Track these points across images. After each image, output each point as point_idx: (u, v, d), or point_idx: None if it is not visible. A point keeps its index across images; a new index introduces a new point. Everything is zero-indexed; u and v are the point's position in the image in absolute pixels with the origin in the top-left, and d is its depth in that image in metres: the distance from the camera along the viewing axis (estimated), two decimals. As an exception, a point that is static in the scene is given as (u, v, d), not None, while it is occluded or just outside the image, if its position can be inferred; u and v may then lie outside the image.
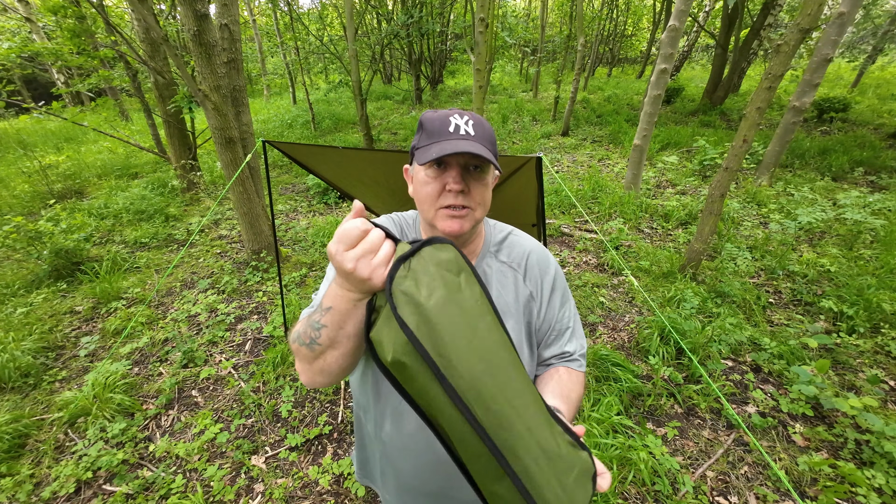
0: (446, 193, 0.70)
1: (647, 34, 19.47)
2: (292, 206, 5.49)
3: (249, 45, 15.28)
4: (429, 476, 0.84)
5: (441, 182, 0.70)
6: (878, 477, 1.78)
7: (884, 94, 10.71)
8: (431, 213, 0.72)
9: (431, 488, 0.86)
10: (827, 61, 4.49)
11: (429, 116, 0.71)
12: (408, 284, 0.49)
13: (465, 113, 0.70)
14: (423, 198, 0.72)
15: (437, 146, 0.67)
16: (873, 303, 2.82)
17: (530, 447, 0.51)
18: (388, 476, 0.92)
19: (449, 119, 0.69)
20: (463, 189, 0.69)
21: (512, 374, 0.53)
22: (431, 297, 0.49)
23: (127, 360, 2.71)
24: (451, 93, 13.61)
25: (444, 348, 0.48)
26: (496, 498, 0.52)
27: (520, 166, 2.19)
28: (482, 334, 0.52)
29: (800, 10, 2.54)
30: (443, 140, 0.67)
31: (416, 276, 0.50)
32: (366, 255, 0.51)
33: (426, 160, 0.65)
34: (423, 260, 0.52)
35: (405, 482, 0.89)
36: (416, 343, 0.47)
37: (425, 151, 0.68)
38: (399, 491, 0.91)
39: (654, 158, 6.65)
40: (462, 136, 0.68)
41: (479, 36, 4.31)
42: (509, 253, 0.85)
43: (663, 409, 2.27)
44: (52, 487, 1.91)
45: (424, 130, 0.71)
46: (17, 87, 10.56)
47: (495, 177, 0.79)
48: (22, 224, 3.60)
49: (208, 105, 2.96)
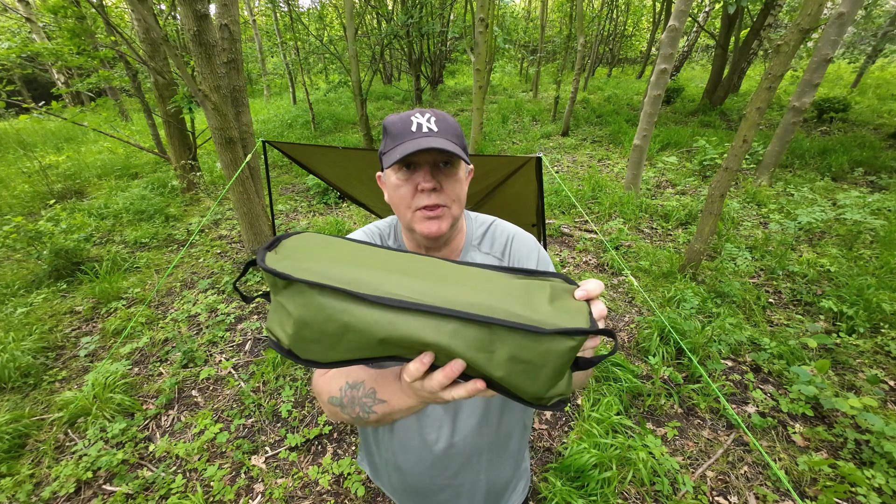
0: (419, 194, 0.69)
1: (647, 34, 19.48)
2: (292, 207, 5.49)
3: (249, 45, 15.29)
4: (427, 469, 0.87)
5: (412, 183, 0.69)
6: (878, 477, 1.78)
7: (884, 94, 10.72)
8: (408, 216, 0.71)
9: (438, 482, 0.89)
10: (827, 61, 4.49)
11: (391, 120, 0.70)
12: (283, 255, 0.50)
13: (427, 110, 0.70)
14: (397, 202, 0.71)
15: (401, 147, 0.66)
16: (873, 303, 2.82)
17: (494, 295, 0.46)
18: (394, 479, 0.95)
19: (410, 119, 0.68)
20: (435, 187, 0.68)
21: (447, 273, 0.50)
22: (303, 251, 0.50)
23: (127, 361, 2.71)
24: (451, 93, 13.62)
25: (338, 273, 0.45)
26: (504, 365, 0.44)
27: (520, 166, 2.20)
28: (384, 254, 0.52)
29: (800, 11, 2.54)
30: (407, 140, 0.66)
31: (287, 252, 0.50)
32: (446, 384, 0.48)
33: (392, 161, 0.65)
34: (293, 240, 0.53)
35: (412, 483, 0.91)
36: (307, 282, 0.44)
37: (391, 154, 0.67)
38: (407, 492, 0.94)
39: (653, 158, 6.65)
40: (425, 134, 0.67)
41: (478, 36, 4.31)
42: (492, 243, 0.84)
43: (663, 409, 2.27)
44: (52, 487, 1.91)
45: (388, 134, 0.70)
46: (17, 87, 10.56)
47: (469, 171, 0.78)
48: (22, 224, 3.60)
49: (208, 105, 2.97)
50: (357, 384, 0.64)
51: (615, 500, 1.79)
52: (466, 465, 0.87)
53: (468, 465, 0.88)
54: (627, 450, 1.94)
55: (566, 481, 1.85)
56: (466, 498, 0.92)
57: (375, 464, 1.01)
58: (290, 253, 0.50)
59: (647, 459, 1.89)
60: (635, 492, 1.84)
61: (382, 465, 0.97)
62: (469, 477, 0.89)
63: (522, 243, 0.83)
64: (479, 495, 0.93)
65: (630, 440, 2.00)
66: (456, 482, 0.89)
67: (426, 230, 0.70)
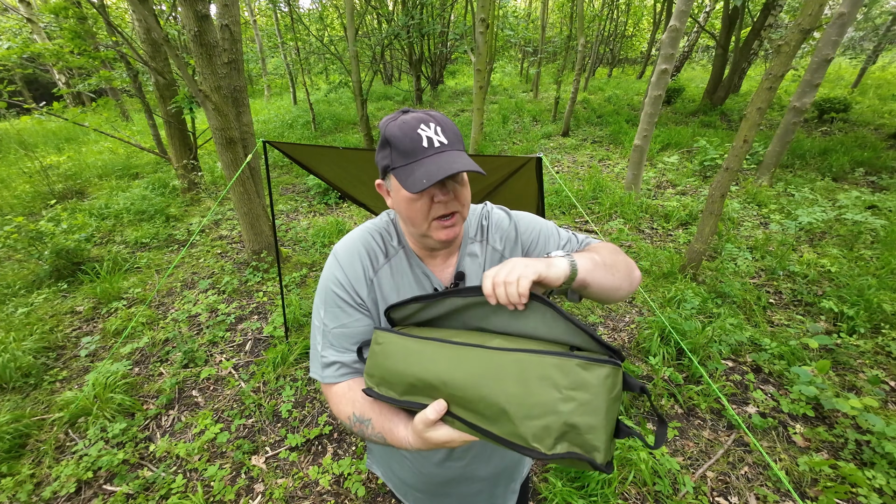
0: (435, 205, 0.69)
1: (648, 35, 19.48)
2: (293, 207, 5.50)
3: (250, 45, 15.30)
4: (441, 461, 0.91)
5: (428, 195, 0.69)
6: (879, 477, 1.77)
7: (884, 94, 10.70)
8: (425, 226, 0.72)
9: (450, 474, 0.93)
10: (827, 62, 4.49)
11: (394, 133, 0.67)
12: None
13: (429, 119, 0.68)
14: (413, 214, 0.71)
15: (420, 169, 0.64)
16: (874, 303, 2.81)
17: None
18: (409, 477, 0.98)
19: (418, 133, 0.65)
20: (450, 198, 0.70)
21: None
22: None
23: (127, 361, 2.71)
24: (452, 93, 13.61)
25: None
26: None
27: (520, 166, 2.20)
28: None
29: (800, 11, 2.54)
30: (422, 158, 0.65)
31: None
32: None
33: (419, 189, 0.62)
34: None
35: (427, 478, 0.95)
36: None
37: (409, 176, 0.65)
38: (427, 488, 0.98)
39: (654, 159, 6.64)
40: (438, 150, 0.66)
41: (479, 36, 4.31)
42: (490, 233, 0.86)
43: (663, 410, 2.26)
44: (52, 487, 1.91)
45: (394, 148, 0.67)
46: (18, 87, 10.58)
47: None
48: (23, 224, 3.61)
49: (209, 105, 2.97)
50: (365, 421, 0.71)
51: (615, 501, 1.78)
52: (480, 452, 0.91)
53: (482, 452, 0.92)
54: (628, 450, 1.94)
55: (566, 482, 1.85)
56: (481, 483, 0.96)
57: (389, 464, 1.02)
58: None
59: (648, 460, 1.89)
60: (636, 492, 1.84)
61: (396, 465, 0.99)
62: (483, 463, 0.93)
63: (527, 231, 0.86)
64: (493, 478, 0.97)
65: (630, 441, 2.00)
66: (469, 471, 0.93)
67: (444, 237, 0.72)
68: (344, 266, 0.78)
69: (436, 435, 0.57)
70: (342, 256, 0.79)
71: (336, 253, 0.80)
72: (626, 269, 0.75)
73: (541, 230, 0.86)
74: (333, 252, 0.81)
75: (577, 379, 0.51)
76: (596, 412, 0.50)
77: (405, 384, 0.62)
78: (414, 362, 0.61)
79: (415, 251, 0.81)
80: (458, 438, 0.57)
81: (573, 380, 0.51)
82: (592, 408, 0.50)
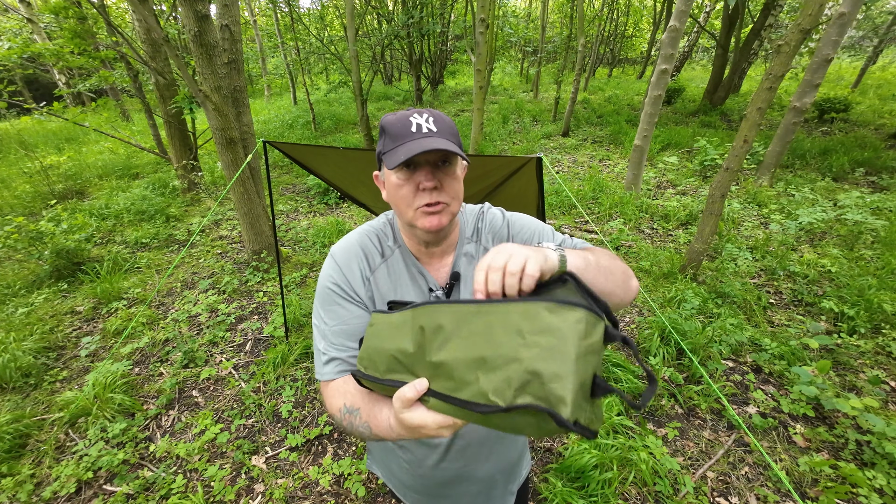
0: (421, 193, 0.70)
1: (648, 35, 19.48)
2: (293, 207, 5.50)
3: (250, 45, 15.31)
4: (439, 461, 0.91)
5: (414, 182, 0.70)
6: (879, 478, 1.77)
7: (885, 94, 10.70)
8: (410, 214, 0.72)
9: (449, 474, 0.93)
10: (828, 62, 4.48)
11: (389, 120, 0.71)
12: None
13: (424, 111, 0.71)
14: (398, 201, 0.73)
15: (403, 148, 0.67)
16: (874, 303, 2.81)
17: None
18: (407, 477, 0.97)
19: (409, 119, 0.69)
20: (436, 185, 0.70)
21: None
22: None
23: (127, 361, 2.71)
24: (452, 93, 13.62)
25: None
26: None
27: (520, 166, 2.20)
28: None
29: (800, 11, 2.54)
30: (408, 141, 0.68)
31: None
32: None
33: (396, 163, 0.65)
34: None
35: (426, 477, 0.94)
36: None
37: (392, 155, 0.68)
38: (425, 488, 0.97)
39: (654, 159, 6.64)
40: (426, 134, 0.68)
41: (479, 36, 4.31)
42: (485, 233, 0.86)
43: (664, 410, 2.26)
44: (52, 487, 1.91)
45: (387, 134, 0.71)
46: (18, 87, 10.58)
47: (464, 167, 0.80)
48: (23, 224, 3.61)
49: (209, 105, 2.97)
50: (354, 411, 0.69)
51: (616, 501, 1.78)
52: (477, 452, 0.91)
53: (479, 452, 0.91)
54: (628, 450, 1.94)
55: (567, 482, 1.85)
56: (479, 484, 0.96)
57: (388, 465, 1.02)
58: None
59: (648, 460, 1.89)
60: (636, 492, 1.84)
61: (395, 466, 0.99)
62: (480, 463, 0.93)
63: (521, 231, 0.85)
64: (491, 479, 0.97)
65: (631, 441, 2.00)
66: (466, 472, 0.92)
67: (427, 224, 0.71)
68: (341, 265, 0.79)
69: (410, 416, 0.53)
70: (339, 257, 0.80)
71: (333, 254, 0.81)
72: (622, 276, 0.71)
73: (534, 231, 0.85)
74: (330, 253, 0.81)
75: (543, 323, 0.45)
76: (563, 358, 0.42)
77: (388, 359, 0.59)
78: (396, 335, 0.60)
79: (411, 251, 0.82)
80: (432, 423, 0.52)
81: (538, 324, 0.45)
82: (558, 353, 0.43)
